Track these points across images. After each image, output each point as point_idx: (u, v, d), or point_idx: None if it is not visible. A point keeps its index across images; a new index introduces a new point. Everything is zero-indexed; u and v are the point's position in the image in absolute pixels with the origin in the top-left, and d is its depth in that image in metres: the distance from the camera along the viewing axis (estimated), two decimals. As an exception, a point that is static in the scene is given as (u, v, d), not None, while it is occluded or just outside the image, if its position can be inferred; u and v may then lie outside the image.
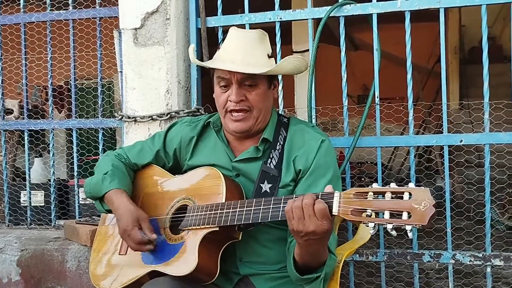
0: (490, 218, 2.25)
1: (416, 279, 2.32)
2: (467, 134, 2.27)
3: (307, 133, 1.69)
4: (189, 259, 1.50)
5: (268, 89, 1.69)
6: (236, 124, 1.65)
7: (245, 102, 1.63)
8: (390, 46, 4.44)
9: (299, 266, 1.47)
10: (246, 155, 1.69)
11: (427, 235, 2.81)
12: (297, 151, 1.65)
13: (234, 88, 1.62)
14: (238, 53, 1.62)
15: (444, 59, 2.28)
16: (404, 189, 1.23)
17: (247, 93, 1.63)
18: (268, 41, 1.71)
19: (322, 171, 1.60)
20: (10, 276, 2.65)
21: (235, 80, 1.61)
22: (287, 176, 1.64)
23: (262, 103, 1.66)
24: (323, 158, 1.62)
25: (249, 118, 1.65)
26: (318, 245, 1.38)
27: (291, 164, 1.64)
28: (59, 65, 3.35)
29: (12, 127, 2.95)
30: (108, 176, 1.72)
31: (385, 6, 2.29)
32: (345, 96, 2.40)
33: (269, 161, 1.65)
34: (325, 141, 1.66)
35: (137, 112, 2.52)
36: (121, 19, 2.56)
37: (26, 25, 2.87)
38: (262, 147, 1.68)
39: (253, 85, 1.63)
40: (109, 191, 1.69)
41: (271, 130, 1.71)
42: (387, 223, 1.22)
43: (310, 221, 1.31)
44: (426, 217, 1.17)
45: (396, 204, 1.22)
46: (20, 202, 3.01)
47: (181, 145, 1.81)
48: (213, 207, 1.55)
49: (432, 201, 1.18)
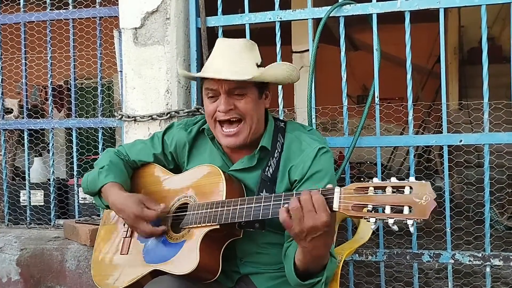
0: (489, 218, 2.26)
1: (416, 279, 2.33)
2: (467, 134, 2.28)
3: (304, 141, 1.64)
4: (191, 258, 1.50)
5: (259, 99, 1.64)
6: (228, 139, 1.61)
7: (235, 110, 1.58)
8: (389, 46, 4.44)
9: (300, 271, 1.45)
10: (240, 165, 1.67)
11: (426, 235, 2.82)
12: (294, 161, 1.62)
13: (222, 98, 1.57)
14: (224, 62, 1.58)
15: (444, 59, 2.29)
16: (404, 183, 1.22)
17: (236, 102, 1.58)
18: (257, 50, 1.67)
19: (317, 177, 1.57)
20: (9, 276, 2.64)
21: (223, 90, 1.57)
22: (281, 185, 1.62)
23: (254, 112, 1.60)
24: (318, 165, 1.58)
25: (243, 130, 1.60)
26: (322, 246, 1.36)
27: (286, 174, 1.62)
28: (58, 64, 3.34)
29: (11, 126, 2.95)
30: (104, 170, 1.71)
31: (385, 6, 2.29)
32: (345, 95, 2.40)
33: (267, 169, 1.62)
34: (322, 148, 1.61)
35: (137, 112, 2.52)
36: (121, 19, 2.56)
37: (26, 24, 2.87)
38: (259, 155, 1.65)
39: (242, 94, 1.58)
40: (105, 185, 1.69)
41: (269, 137, 1.66)
42: (388, 218, 1.21)
43: (309, 216, 1.30)
44: (427, 211, 1.17)
45: (397, 199, 1.21)
46: (20, 202, 3.01)
47: (176, 149, 1.80)
48: (213, 205, 1.54)
49: (433, 195, 1.18)
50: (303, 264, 1.43)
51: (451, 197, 2.30)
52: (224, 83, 1.56)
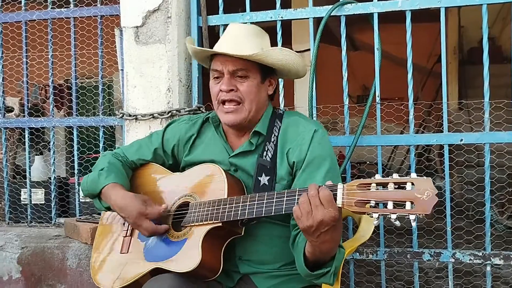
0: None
1: (416, 277, 2.33)
2: (468, 133, 2.28)
3: (301, 124, 1.68)
4: (193, 255, 1.50)
5: (262, 84, 1.68)
6: (227, 116, 1.66)
7: (236, 92, 1.64)
8: (388, 46, 4.44)
9: (309, 262, 1.47)
10: (240, 149, 1.70)
11: (427, 234, 2.82)
12: (291, 143, 1.65)
13: (225, 79, 1.64)
14: (230, 42, 1.65)
15: (444, 58, 2.29)
16: (406, 179, 1.23)
17: (239, 84, 1.64)
18: (267, 39, 1.72)
19: (317, 162, 1.59)
20: (10, 274, 2.65)
21: (226, 71, 1.63)
22: (281, 168, 1.64)
23: (254, 95, 1.65)
24: (317, 149, 1.60)
25: (241, 111, 1.65)
26: (331, 241, 1.37)
27: (284, 156, 1.64)
28: (59, 63, 3.34)
29: (13, 124, 2.95)
30: (104, 172, 1.72)
31: (386, 5, 2.30)
32: (346, 95, 2.41)
33: (265, 154, 1.65)
34: (318, 131, 1.64)
35: (138, 110, 2.52)
36: (123, 17, 2.56)
37: (27, 23, 2.87)
38: (255, 140, 1.68)
39: (244, 76, 1.64)
40: (105, 186, 1.69)
41: (264, 123, 1.70)
42: (391, 213, 1.23)
43: (317, 211, 1.31)
44: (429, 206, 1.18)
45: (399, 194, 1.22)
46: (21, 200, 3.02)
47: (179, 143, 1.82)
48: (215, 203, 1.55)
49: (435, 191, 1.19)
50: (313, 255, 1.44)
51: (451, 196, 2.30)
52: (228, 64, 1.62)
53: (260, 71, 1.67)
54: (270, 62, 1.65)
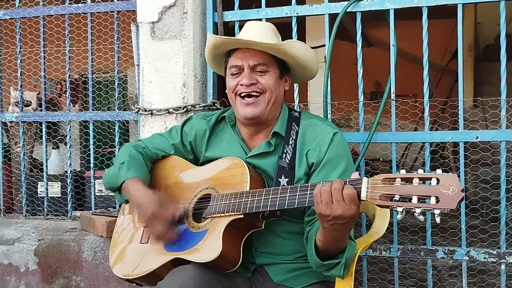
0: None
1: (430, 275, 2.32)
2: (483, 131, 2.27)
3: (319, 127, 1.70)
4: (214, 246, 1.51)
5: (280, 79, 1.71)
6: (246, 109, 1.67)
7: (257, 85, 1.66)
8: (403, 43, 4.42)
9: (320, 252, 1.49)
10: (258, 150, 1.71)
11: (440, 232, 2.81)
12: (310, 145, 1.66)
13: (245, 72, 1.65)
14: (251, 36, 1.66)
15: (461, 55, 2.27)
16: (431, 174, 1.24)
17: (259, 77, 1.66)
18: (281, 39, 1.75)
19: (334, 163, 1.61)
20: (27, 265, 2.69)
21: (247, 66, 1.65)
22: (300, 170, 1.65)
23: (274, 87, 1.68)
24: (335, 150, 1.63)
25: (261, 102, 1.66)
26: (343, 230, 1.40)
27: (303, 158, 1.66)
28: (76, 58, 3.38)
29: (30, 118, 2.99)
30: (124, 165, 1.73)
31: (403, 2, 2.28)
32: (361, 91, 2.40)
33: (284, 156, 1.66)
34: (337, 133, 1.67)
35: (153, 105, 2.54)
36: (139, 13, 2.58)
37: (45, 18, 2.91)
38: (274, 141, 1.70)
39: (264, 71, 1.66)
40: (126, 180, 1.71)
41: (282, 123, 1.72)
42: (415, 208, 1.23)
43: (338, 205, 1.33)
44: (454, 201, 1.19)
45: (424, 189, 1.23)
46: (37, 193, 3.06)
47: (196, 138, 1.83)
48: (237, 195, 1.56)
49: (460, 186, 1.20)
50: (324, 244, 1.46)
51: (466, 194, 2.29)
52: (249, 59, 1.65)
53: (279, 67, 1.70)
54: (292, 55, 1.68)
